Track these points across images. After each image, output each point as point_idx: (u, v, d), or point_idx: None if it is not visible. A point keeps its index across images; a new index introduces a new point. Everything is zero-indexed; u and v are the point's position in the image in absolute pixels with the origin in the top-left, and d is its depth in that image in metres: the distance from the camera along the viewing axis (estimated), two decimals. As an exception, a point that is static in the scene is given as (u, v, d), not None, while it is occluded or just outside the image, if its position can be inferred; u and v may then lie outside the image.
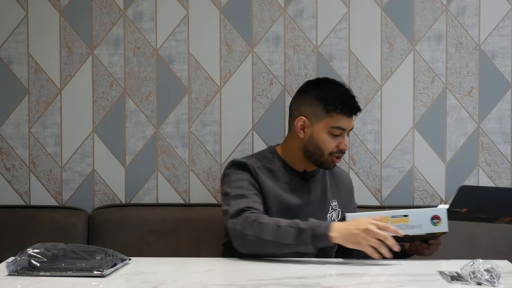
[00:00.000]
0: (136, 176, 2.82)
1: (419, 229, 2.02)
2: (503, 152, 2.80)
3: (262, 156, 2.36)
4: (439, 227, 2.03)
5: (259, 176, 2.26)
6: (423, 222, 2.02)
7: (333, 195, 2.39)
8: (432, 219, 2.02)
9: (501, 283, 1.75)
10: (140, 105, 2.81)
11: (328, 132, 2.26)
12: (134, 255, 2.09)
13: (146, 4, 2.80)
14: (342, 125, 2.26)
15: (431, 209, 2.04)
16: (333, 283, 1.84)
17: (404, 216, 2.01)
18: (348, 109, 2.27)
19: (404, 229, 2.00)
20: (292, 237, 2.03)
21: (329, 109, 2.26)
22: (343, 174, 2.51)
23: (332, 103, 2.26)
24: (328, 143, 2.27)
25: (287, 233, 2.04)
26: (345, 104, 2.27)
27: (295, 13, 2.79)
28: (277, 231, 2.05)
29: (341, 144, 2.27)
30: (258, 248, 2.08)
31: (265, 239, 2.05)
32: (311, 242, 2.03)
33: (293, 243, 2.04)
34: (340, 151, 2.28)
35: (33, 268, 1.82)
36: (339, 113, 2.26)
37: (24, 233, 2.67)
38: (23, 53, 2.81)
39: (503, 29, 2.78)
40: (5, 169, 2.83)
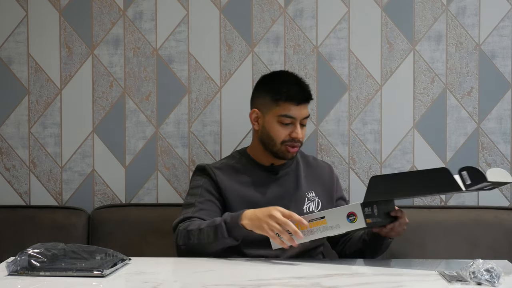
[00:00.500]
0: (136, 176, 2.82)
1: (338, 229, 2.01)
2: (503, 152, 2.80)
3: (230, 157, 2.44)
4: (356, 223, 2.00)
5: (218, 178, 2.31)
6: (340, 221, 2.01)
7: (309, 186, 2.40)
8: (348, 217, 2.01)
9: (501, 283, 1.75)
10: (140, 105, 2.81)
11: (278, 121, 2.30)
12: (134, 255, 2.09)
13: (146, 4, 2.80)
14: (290, 113, 2.29)
15: (345, 207, 2.04)
16: (333, 283, 1.84)
17: (321, 218, 2.02)
18: (295, 97, 2.30)
19: (323, 231, 2.01)
20: (212, 235, 2.10)
21: (276, 98, 2.30)
22: (322, 165, 2.50)
23: (278, 92, 2.30)
24: (278, 132, 2.30)
25: (206, 233, 2.11)
26: (290, 92, 2.30)
27: (295, 13, 2.79)
28: (199, 234, 2.13)
29: (292, 133, 2.30)
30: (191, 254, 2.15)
31: (192, 244, 2.14)
32: (227, 235, 2.08)
33: (213, 241, 2.10)
34: (293, 140, 2.30)
35: (33, 268, 1.82)
36: (286, 102, 2.29)
37: (24, 233, 2.67)
38: (23, 53, 2.81)
39: (503, 29, 2.78)
40: (5, 169, 2.83)
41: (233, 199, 2.29)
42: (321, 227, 2.01)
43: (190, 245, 2.14)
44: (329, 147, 2.79)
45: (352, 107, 2.80)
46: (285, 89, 2.31)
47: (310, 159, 2.48)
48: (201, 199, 2.28)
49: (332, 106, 2.80)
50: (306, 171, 2.43)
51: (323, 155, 2.79)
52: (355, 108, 2.80)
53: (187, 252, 2.17)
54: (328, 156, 2.79)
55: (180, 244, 2.17)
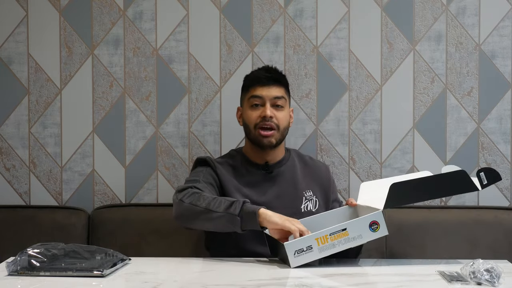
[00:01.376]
0: (136, 176, 2.82)
1: (360, 240, 1.99)
2: (503, 152, 2.80)
3: (228, 155, 2.46)
4: (379, 232, 1.99)
5: (218, 170, 2.33)
6: (362, 232, 1.99)
7: (307, 185, 2.40)
8: (371, 226, 1.99)
9: (501, 283, 1.75)
10: (140, 105, 2.81)
11: (250, 105, 2.37)
12: (134, 255, 2.09)
13: (146, 4, 2.80)
14: (257, 93, 2.35)
15: (367, 216, 2.01)
16: (333, 283, 1.84)
17: (342, 230, 1.98)
18: (260, 78, 2.37)
19: (345, 243, 1.97)
20: (223, 206, 2.08)
21: (245, 84, 2.42)
22: (319, 165, 2.51)
23: (247, 79, 2.43)
24: (250, 116, 2.35)
25: (220, 202, 2.10)
26: (256, 75, 2.39)
27: (295, 13, 2.79)
28: (211, 200, 2.11)
29: (262, 112, 2.33)
30: (191, 216, 2.12)
31: (199, 205, 2.11)
32: (238, 213, 2.04)
33: (222, 212, 2.06)
34: (263, 120, 2.32)
35: (33, 268, 1.82)
36: (253, 85, 2.37)
37: (24, 233, 2.67)
38: (23, 53, 2.81)
39: (503, 29, 2.78)
40: (5, 169, 2.83)
41: (232, 193, 2.29)
42: (343, 239, 1.97)
43: (196, 206, 2.11)
44: (329, 147, 2.79)
45: (352, 107, 2.80)
46: (252, 75, 2.42)
47: (307, 159, 2.49)
48: (204, 179, 2.29)
49: (332, 106, 2.80)
50: (303, 170, 2.43)
51: (323, 155, 2.79)
52: (355, 108, 2.80)
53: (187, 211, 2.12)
54: (328, 156, 2.79)
55: (185, 201, 2.13)
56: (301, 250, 1.95)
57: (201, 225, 2.14)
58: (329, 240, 1.96)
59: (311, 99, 2.80)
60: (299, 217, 2.31)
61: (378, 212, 1.99)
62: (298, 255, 1.95)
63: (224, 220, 2.07)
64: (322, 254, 1.96)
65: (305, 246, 1.95)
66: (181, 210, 2.15)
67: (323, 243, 1.96)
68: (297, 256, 1.95)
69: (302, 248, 1.95)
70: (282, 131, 2.35)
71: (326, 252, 1.96)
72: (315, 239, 1.95)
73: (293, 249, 1.95)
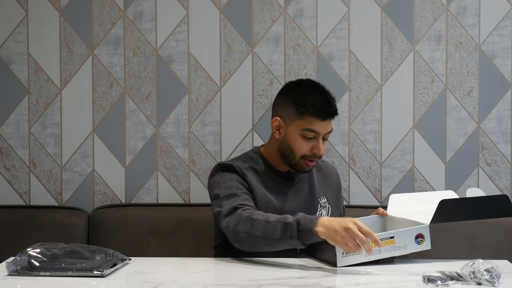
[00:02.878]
0: (136, 176, 2.82)
1: (405, 250, 2.01)
2: (503, 152, 2.80)
3: (248, 158, 2.34)
4: (423, 245, 2.03)
5: (246, 177, 2.24)
6: (408, 242, 2.01)
7: (322, 192, 2.37)
8: (416, 238, 2.02)
9: (501, 283, 1.75)
10: (140, 105, 2.81)
11: (301, 134, 2.23)
12: (134, 255, 2.09)
13: (146, 4, 2.80)
14: (314, 128, 2.21)
15: (415, 228, 2.03)
16: (333, 283, 1.84)
17: (390, 238, 1.99)
18: (321, 112, 2.21)
19: (391, 251, 1.99)
20: (279, 232, 2.00)
21: (301, 111, 2.22)
22: (330, 168, 2.49)
23: (304, 105, 2.22)
24: (300, 145, 2.23)
25: (274, 228, 2.01)
26: (317, 107, 2.22)
27: (295, 13, 2.79)
28: (265, 226, 2.02)
29: (314, 148, 2.23)
30: (250, 245, 2.06)
31: (255, 235, 2.03)
32: (296, 236, 1.98)
33: (279, 238, 2.00)
34: (313, 155, 2.24)
35: (33, 268, 1.82)
36: (311, 116, 2.21)
37: (24, 233, 2.67)
38: (23, 53, 2.81)
39: (503, 29, 2.78)
40: (5, 169, 2.83)
41: (260, 200, 2.23)
42: (389, 247, 1.99)
43: (252, 235, 2.03)
44: (329, 147, 2.79)
45: (352, 107, 2.80)
46: (311, 103, 2.22)
47: (319, 162, 2.43)
48: (239, 190, 2.19)
49: (332, 106, 2.80)
50: (318, 176, 2.39)
51: (323, 155, 2.79)
52: (355, 108, 2.80)
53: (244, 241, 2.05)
54: (328, 156, 2.79)
55: (240, 231, 2.05)
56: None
57: (263, 249, 2.08)
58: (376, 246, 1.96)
59: (311, 99, 2.79)
60: None
61: (425, 226, 2.03)
62: (346, 256, 1.96)
63: (284, 244, 2.03)
64: (368, 258, 1.97)
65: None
66: (240, 240, 2.08)
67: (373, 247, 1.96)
68: (345, 256, 1.96)
69: None
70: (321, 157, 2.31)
71: (373, 256, 1.97)
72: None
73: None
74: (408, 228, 2.04)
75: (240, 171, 2.25)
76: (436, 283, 1.75)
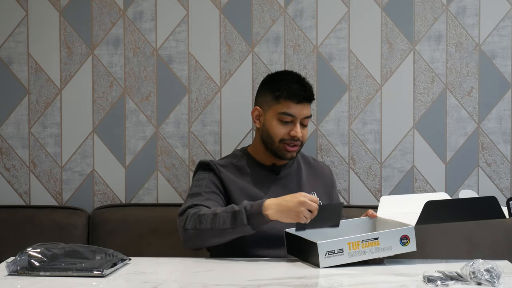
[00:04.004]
0: (136, 176, 2.82)
1: (389, 251, 2.00)
2: (503, 152, 2.80)
3: (232, 156, 2.42)
4: (408, 246, 2.01)
5: (222, 174, 2.29)
6: (392, 244, 2.00)
7: (311, 188, 2.39)
8: (401, 239, 2.00)
9: (501, 283, 1.75)
10: (140, 105, 2.81)
11: (278, 118, 2.30)
12: (134, 255, 2.09)
13: (146, 4, 2.80)
14: (290, 111, 2.29)
15: (400, 229, 2.02)
16: (333, 283, 1.84)
17: (374, 239, 1.99)
18: (295, 95, 2.29)
19: (375, 252, 1.99)
20: (229, 221, 2.05)
21: (277, 95, 2.30)
22: (323, 166, 2.51)
23: (279, 89, 2.31)
24: (277, 130, 2.29)
25: (223, 219, 2.06)
26: (291, 90, 2.29)
27: (295, 13, 2.79)
28: (213, 219, 2.07)
29: (291, 131, 2.29)
30: (200, 240, 2.10)
31: (204, 229, 2.08)
32: (247, 222, 2.04)
33: (230, 227, 2.06)
34: (292, 139, 2.29)
35: (33, 268, 1.82)
36: (286, 99, 2.29)
37: (24, 233, 2.67)
38: (23, 53, 2.81)
39: (503, 29, 2.78)
40: (5, 169, 2.83)
41: (239, 196, 2.26)
42: (374, 248, 1.99)
43: (201, 230, 2.09)
44: (329, 147, 2.79)
45: (352, 107, 2.80)
46: (286, 87, 2.31)
47: (311, 160, 2.48)
48: (207, 189, 2.25)
49: (332, 106, 2.80)
50: (308, 172, 2.42)
51: (323, 155, 2.79)
52: (355, 108, 2.80)
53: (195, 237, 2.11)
54: (328, 156, 2.79)
55: (189, 228, 2.11)
56: (332, 252, 1.95)
57: (213, 243, 2.12)
58: (360, 247, 1.97)
59: (311, 99, 2.80)
60: None
61: (410, 227, 2.02)
62: (329, 257, 1.95)
63: (236, 233, 2.07)
64: (352, 259, 1.97)
65: (337, 248, 1.96)
66: (188, 237, 2.12)
67: (354, 249, 1.97)
68: (328, 257, 1.95)
69: (333, 250, 1.96)
70: (303, 144, 2.35)
71: (356, 258, 1.97)
72: (348, 243, 1.97)
73: (325, 249, 1.95)
74: (393, 229, 2.04)
75: (216, 168, 2.30)
76: (436, 283, 1.75)
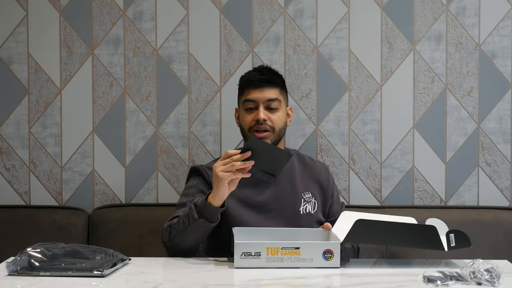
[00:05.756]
0: (136, 176, 2.82)
1: (310, 263, 1.95)
2: (503, 152, 2.80)
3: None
4: (331, 262, 1.95)
5: (211, 178, 2.26)
6: (314, 256, 1.95)
7: (305, 187, 2.39)
8: (325, 253, 1.96)
9: (501, 283, 1.75)
10: (140, 105, 2.81)
11: (244, 108, 2.36)
12: (134, 255, 2.09)
13: (146, 4, 2.80)
14: (250, 96, 2.34)
15: (324, 243, 1.99)
16: (333, 283, 1.84)
17: (296, 249, 1.95)
18: (252, 81, 2.35)
19: (294, 261, 1.94)
20: (186, 222, 2.09)
21: (240, 87, 2.40)
22: (319, 165, 2.49)
23: (241, 80, 2.40)
24: (245, 118, 2.35)
25: (183, 221, 2.11)
26: (248, 77, 2.37)
27: (295, 13, 2.79)
28: (176, 224, 2.13)
29: (255, 116, 2.32)
30: (177, 248, 2.14)
31: (173, 237, 2.13)
32: (198, 216, 2.07)
33: (188, 226, 2.09)
34: (257, 123, 2.31)
35: (33, 268, 1.82)
36: (246, 87, 2.36)
37: (24, 233, 2.67)
38: (23, 53, 2.81)
39: (503, 29, 2.78)
40: (5, 169, 2.83)
41: (228, 199, 2.25)
42: (293, 257, 1.95)
43: (172, 240, 2.13)
44: (329, 147, 2.79)
45: (352, 107, 2.80)
46: (246, 77, 2.39)
47: (307, 159, 2.47)
48: (192, 198, 2.26)
49: (332, 106, 2.80)
50: (302, 171, 2.42)
51: (323, 155, 2.79)
52: (355, 108, 2.80)
53: (173, 249, 2.14)
54: (328, 156, 2.79)
55: (165, 241, 2.16)
56: (249, 254, 1.94)
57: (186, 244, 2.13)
58: (279, 254, 1.94)
59: (311, 99, 2.80)
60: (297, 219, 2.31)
61: (336, 242, 1.97)
62: (245, 258, 1.94)
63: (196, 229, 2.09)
64: (268, 264, 1.94)
65: (254, 251, 1.94)
66: (168, 249, 2.17)
67: (272, 254, 1.94)
68: (243, 258, 1.94)
69: (250, 252, 1.94)
70: (278, 132, 2.34)
71: (273, 264, 1.94)
72: (266, 248, 1.94)
73: (242, 250, 1.94)
74: (316, 241, 2.01)
75: (205, 173, 2.32)
76: (436, 283, 1.75)
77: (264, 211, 2.29)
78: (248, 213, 2.27)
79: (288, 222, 2.30)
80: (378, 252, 2.58)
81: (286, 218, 2.30)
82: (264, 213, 2.29)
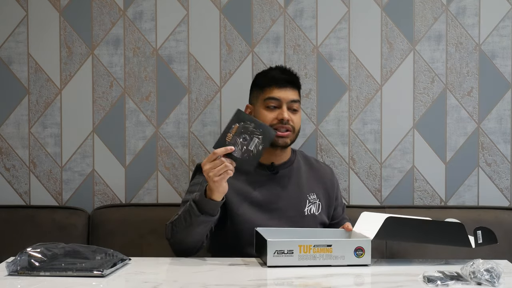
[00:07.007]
0: (136, 176, 2.82)
1: (342, 260, 1.96)
2: (503, 152, 2.80)
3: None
4: (362, 259, 1.97)
5: None
6: (346, 253, 1.97)
7: (311, 188, 2.39)
8: (356, 251, 1.98)
9: (501, 283, 1.75)
10: (140, 105, 2.81)
11: (264, 106, 2.35)
12: (134, 255, 2.09)
13: (146, 4, 2.80)
14: (273, 95, 2.34)
15: (355, 240, 2.00)
16: (333, 283, 1.84)
17: (328, 246, 1.96)
18: (277, 79, 2.35)
19: (326, 259, 1.96)
20: (188, 218, 2.10)
21: (261, 85, 2.39)
22: (324, 168, 2.50)
23: (262, 79, 2.40)
24: (265, 116, 2.33)
25: (183, 218, 2.12)
26: (272, 76, 2.38)
27: (295, 13, 2.79)
28: (178, 222, 2.14)
29: (279, 115, 2.32)
30: (181, 243, 2.15)
31: (176, 233, 2.14)
32: (199, 212, 2.08)
33: (190, 224, 2.10)
34: (281, 122, 2.31)
35: (33, 268, 1.82)
36: (269, 85, 2.36)
37: (24, 233, 2.67)
38: (23, 53, 2.81)
39: (503, 29, 2.78)
40: (5, 169, 2.83)
41: (233, 197, 2.28)
42: (326, 255, 1.96)
43: (176, 236, 2.14)
44: (329, 147, 2.79)
45: (352, 107, 2.80)
46: (269, 75, 2.39)
47: (312, 161, 2.48)
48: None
49: (332, 106, 2.80)
50: (309, 172, 2.42)
51: (323, 155, 2.79)
52: (355, 108, 2.80)
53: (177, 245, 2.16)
54: (328, 156, 2.79)
55: (169, 238, 2.17)
56: (282, 252, 1.94)
57: (190, 240, 2.14)
58: (311, 251, 1.95)
59: (311, 99, 2.80)
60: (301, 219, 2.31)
61: (367, 239, 1.99)
62: (277, 256, 1.94)
63: (199, 223, 2.10)
64: (301, 262, 1.95)
65: (287, 249, 1.94)
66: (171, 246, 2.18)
67: (305, 252, 1.95)
68: (276, 256, 1.94)
69: (283, 250, 1.94)
70: (296, 133, 2.36)
71: (305, 261, 1.95)
72: (299, 245, 1.94)
73: (274, 248, 1.94)
74: (348, 239, 2.02)
75: None
76: (436, 283, 1.75)
77: (269, 211, 2.29)
78: (253, 212, 2.27)
79: (292, 222, 2.30)
80: (378, 252, 2.58)
81: (290, 219, 2.31)
82: (268, 212, 2.29)
